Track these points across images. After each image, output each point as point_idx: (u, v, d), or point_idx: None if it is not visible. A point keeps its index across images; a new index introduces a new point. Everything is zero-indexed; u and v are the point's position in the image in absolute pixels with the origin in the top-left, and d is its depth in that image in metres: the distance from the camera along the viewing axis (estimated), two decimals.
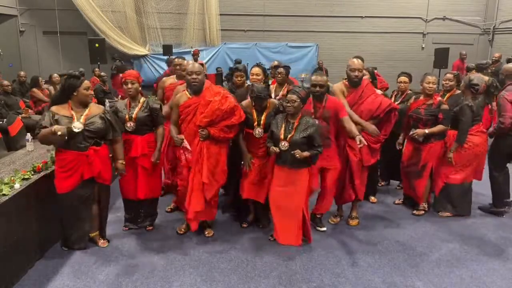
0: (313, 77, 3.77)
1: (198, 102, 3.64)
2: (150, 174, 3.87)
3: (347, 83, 4.07)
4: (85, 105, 3.42)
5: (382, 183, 5.48)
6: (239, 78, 4.52)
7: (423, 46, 13.05)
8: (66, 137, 3.16)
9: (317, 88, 3.69)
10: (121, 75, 3.78)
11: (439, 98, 4.31)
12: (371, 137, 3.99)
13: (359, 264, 3.53)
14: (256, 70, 4.46)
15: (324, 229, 4.13)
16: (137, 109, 3.78)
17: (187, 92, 3.76)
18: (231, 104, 3.63)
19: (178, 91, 3.98)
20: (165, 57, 11.62)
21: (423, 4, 12.78)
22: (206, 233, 3.99)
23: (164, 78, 4.83)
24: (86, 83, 3.39)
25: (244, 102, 3.91)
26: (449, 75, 4.83)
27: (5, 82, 6.89)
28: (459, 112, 4.22)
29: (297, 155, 3.43)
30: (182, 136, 3.69)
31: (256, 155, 3.86)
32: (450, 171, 4.39)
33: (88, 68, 10.47)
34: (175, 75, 4.66)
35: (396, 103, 4.85)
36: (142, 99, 3.85)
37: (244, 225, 4.19)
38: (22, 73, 8.18)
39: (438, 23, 12.95)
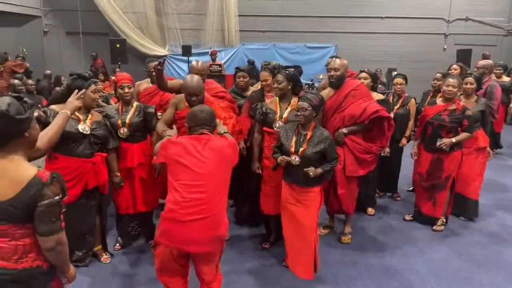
0: None
1: None
2: (148, 184, 3.57)
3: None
4: (88, 109, 3.17)
5: (381, 194, 5.12)
6: (241, 79, 4.25)
7: (445, 47, 12.81)
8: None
9: None
10: (113, 78, 3.56)
11: (462, 103, 4.00)
12: (358, 145, 3.63)
13: (376, 268, 3.49)
14: (264, 75, 3.94)
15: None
16: (130, 113, 3.46)
17: None
18: (240, 127, 3.64)
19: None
20: (185, 58, 11.76)
21: (445, 5, 12.55)
22: None
23: (137, 82, 4.45)
24: (94, 86, 3.16)
25: (268, 100, 3.69)
26: (438, 75, 4.94)
27: (29, 81, 7.05)
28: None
29: (311, 174, 2.98)
30: (174, 131, 2.91)
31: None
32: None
33: (109, 68, 10.73)
34: (149, 79, 4.46)
35: (395, 107, 4.69)
36: (135, 104, 3.55)
37: (266, 246, 3.77)
38: (48, 72, 8.44)
39: (460, 24, 12.70)
